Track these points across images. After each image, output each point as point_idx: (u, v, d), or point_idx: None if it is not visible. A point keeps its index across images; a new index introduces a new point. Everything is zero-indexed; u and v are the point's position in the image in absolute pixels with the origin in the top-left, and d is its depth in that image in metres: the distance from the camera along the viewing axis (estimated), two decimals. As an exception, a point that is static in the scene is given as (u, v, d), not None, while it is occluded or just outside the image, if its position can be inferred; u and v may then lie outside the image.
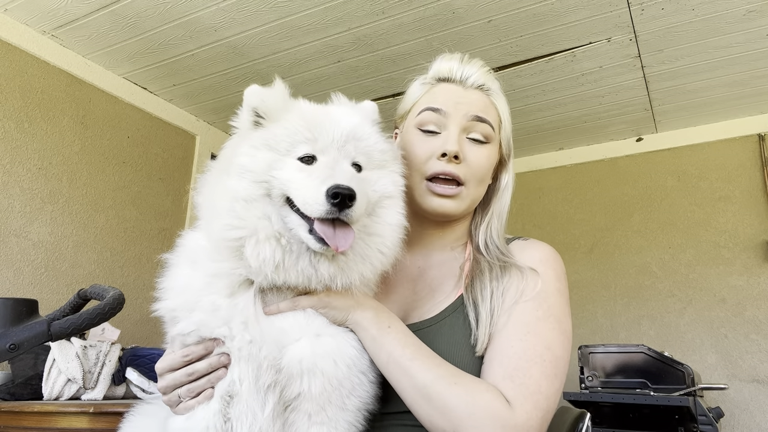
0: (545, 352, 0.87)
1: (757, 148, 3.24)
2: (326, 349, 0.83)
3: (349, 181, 0.80)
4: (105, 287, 1.04)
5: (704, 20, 2.41)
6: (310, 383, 0.81)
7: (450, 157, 0.98)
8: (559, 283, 0.97)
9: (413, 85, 1.11)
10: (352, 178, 0.83)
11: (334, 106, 0.96)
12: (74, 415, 1.68)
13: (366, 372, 0.87)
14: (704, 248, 3.25)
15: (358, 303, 0.88)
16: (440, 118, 1.02)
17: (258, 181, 0.83)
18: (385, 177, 0.92)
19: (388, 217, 0.90)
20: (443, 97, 1.04)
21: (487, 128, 1.02)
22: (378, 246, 0.88)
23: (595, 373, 2.62)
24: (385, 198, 0.91)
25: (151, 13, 2.41)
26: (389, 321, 0.88)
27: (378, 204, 0.89)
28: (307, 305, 0.85)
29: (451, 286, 1.01)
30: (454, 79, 1.05)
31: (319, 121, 0.88)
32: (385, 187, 0.91)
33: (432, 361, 0.85)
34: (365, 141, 0.90)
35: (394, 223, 0.90)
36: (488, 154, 1.03)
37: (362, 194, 0.81)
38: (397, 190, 0.93)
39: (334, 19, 2.44)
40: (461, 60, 1.07)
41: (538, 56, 2.71)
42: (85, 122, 2.78)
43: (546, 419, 0.84)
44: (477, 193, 1.04)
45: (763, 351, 3.00)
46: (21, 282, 2.41)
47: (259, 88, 0.92)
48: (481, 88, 1.05)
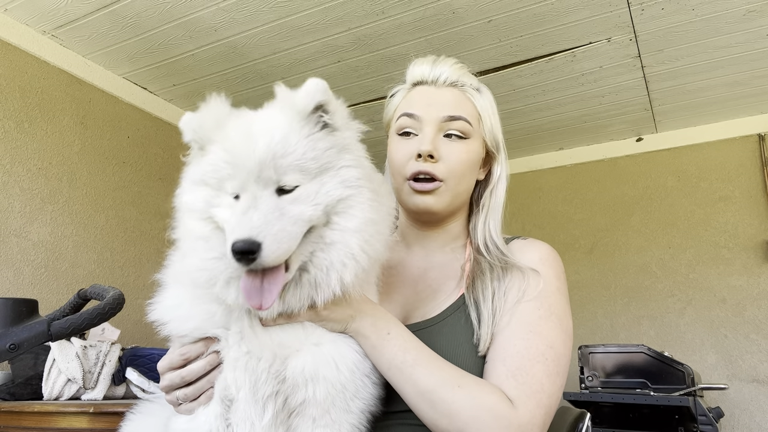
0: (547, 351, 0.88)
1: (757, 148, 3.24)
2: (328, 356, 0.82)
3: (260, 224, 0.72)
4: (105, 287, 1.04)
5: (704, 20, 2.41)
6: (314, 390, 0.80)
7: (425, 156, 1.00)
8: (559, 282, 0.97)
9: (393, 92, 1.14)
10: (269, 214, 0.74)
11: (259, 118, 0.84)
12: (74, 415, 1.68)
13: (369, 375, 0.86)
14: (704, 248, 3.25)
15: (356, 311, 0.86)
16: (415, 123, 1.04)
17: (203, 218, 0.81)
18: (330, 181, 0.80)
19: (345, 221, 0.80)
20: (417, 102, 1.06)
21: (463, 124, 1.03)
22: (341, 256, 0.79)
23: (595, 373, 2.62)
24: (339, 202, 0.80)
25: (151, 13, 2.41)
26: (388, 327, 0.87)
27: (333, 211, 0.80)
28: (303, 319, 0.84)
29: (453, 286, 1.02)
30: (427, 81, 1.07)
31: (236, 151, 0.78)
32: (331, 192, 0.79)
33: (434, 364, 0.85)
34: (290, 156, 0.78)
35: (353, 228, 0.80)
36: (467, 149, 1.03)
37: (278, 231, 0.73)
38: (348, 191, 0.80)
39: (334, 19, 2.44)
40: (433, 61, 1.08)
41: (538, 56, 2.71)
42: (85, 122, 2.78)
43: (548, 417, 0.84)
44: (459, 188, 1.04)
45: (763, 351, 3.00)
46: (21, 282, 2.41)
47: (189, 117, 0.86)
48: (454, 84, 1.06)
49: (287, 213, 0.76)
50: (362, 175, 0.83)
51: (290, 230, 0.75)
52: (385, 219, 0.86)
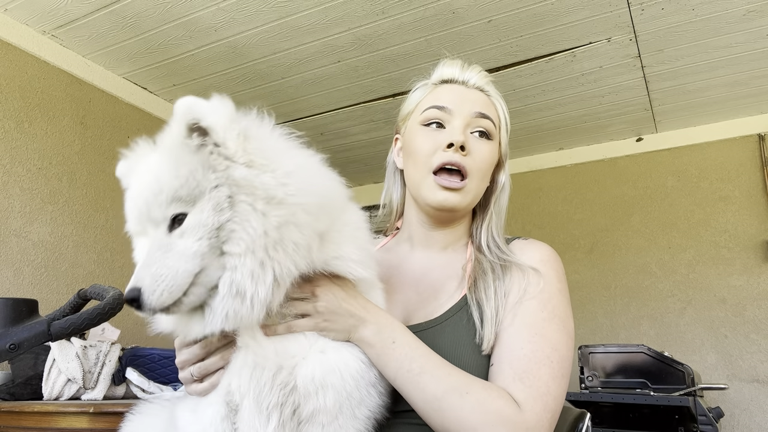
0: (552, 353, 0.88)
1: (757, 148, 3.24)
2: (332, 364, 0.82)
3: (140, 267, 0.72)
4: (105, 287, 1.04)
5: (704, 20, 2.41)
6: (324, 398, 0.80)
7: (456, 147, 1.00)
8: (560, 283, 0.98)
9: (415, 87, 1.14)
10: (151, 254, 0.73)
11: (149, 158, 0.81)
12: (74, 415, 1.68)
13: (375, 384, 0.86)
14: (704, 248, 3.25)
15: (358, 320, 0.85)
16: (445, 115, 1.04)
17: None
18: (206, 207, 0.74)
19: (233, 247, 0.74)
20: (447, 96, 1.06)
21: (490, 124, 1.05)
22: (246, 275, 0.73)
23: (595, 373, 2.62)
24: (219, 231, 0.74)
25: (151, 13, 2.41)
26: (393, 335, 0.86)
27: (220, 242, 0.74)
28: (303, 329, 0.83)
29: (454, 286, 1.02)
30: (457, 80, 1.08)
31: (130, 199, 0.79)
32: (207, 221, 0.73)
33: (441, 371, 0.85)
34: (164, 191, 0.74)
35: (241, 252, 0.73)
36: (490, 149, 1.05)
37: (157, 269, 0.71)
38: (223, 215, 0.74)
39: (334, 19, 2.44)
40: (462, 65, 1.10)
41: (538, 56, 2.71)
42: (85, 122, 2.78)
43: (555, 419, 0.85)
44: (479, 188, 1.05)
45: (763, 351, 3.00)
46: (21, 282, 2.41)
47: (120, 168, 0.86)
48: (482, 89, 1.08)
49: (174, 248, 0.73)
50: (234, 190, 0.74)
51: (174, 266, 0.72)
52: (298, 202, 0.77)
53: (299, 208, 0.76)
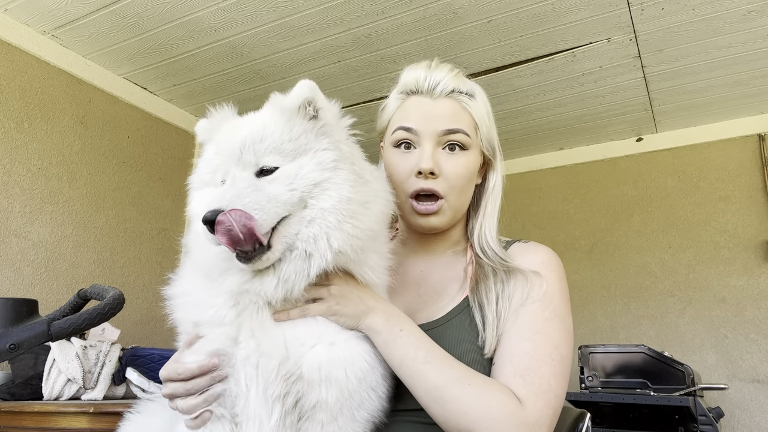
0: (553, 352, 0.89)
1: (757, 148, 3.24)
2: (339, 357, 0.83)
3: (231, 197, 0.77)
4: (105, 287, 1.04)
5: (704, 20, 2.41)
6: (327, 392, 0.81)
7: (426, 174, 1.00)
8: (561, 284, 0.99)
9: (389, 97, 1.12)
10: (242, 189, 0.79)
11: (249, 116, 0.91)
12: (74, 415, 1.68)
13: (376, 388, 0.87)
14: (704, 248, 3.25)
15: (368, 308, 0.88)
16: (413, 137, 1.03)
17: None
18: (307, 163, 0.84)
19: (321, 202, 0.83)
20: (414, 114, 1.04)
21: (461, 137, 1.02)
22: (324, 229, 0.82)
23: (595, 373, 2.62)
24: (315, 186, 0.83)
25: (151, 13, 2.41)
26: (401, 324, 0.88)
27: (309, 196, 0.83)
28: (316, 313, 0.85)
29: (456, 288, 1.02)
30: (422, 91, 1.05)
31: (222, 142, 0.87)
32: (307, 175, 0.83)
33: (445, 362, 0.86)
34: (268, 140, 0.84)
35: (328, 207, 0.82)
36: (465, 161, 1.03)
37: (249, 202, 0.77)
38: (324, 173, 0.84)
39: (334, 19, 2.44)
40: (428, 67, 1.06)
41: (538, 56, 2.71)
42: (85, 122, 2.78)
43: (555, 416, 0.86)
44: (459, 202, 1.05)
45: (763, 351, 3.00)
46: (21, 282, 2.41)
47: (200, 122, 0.95)
48: (451, 95, 1.04)
49: (263, 190, 0.80)
50: (339, 157, 0.86)
51: (263, 204, 0.78)
52: (370, 199, 0.88)
53: (375, 195, 0.89)
